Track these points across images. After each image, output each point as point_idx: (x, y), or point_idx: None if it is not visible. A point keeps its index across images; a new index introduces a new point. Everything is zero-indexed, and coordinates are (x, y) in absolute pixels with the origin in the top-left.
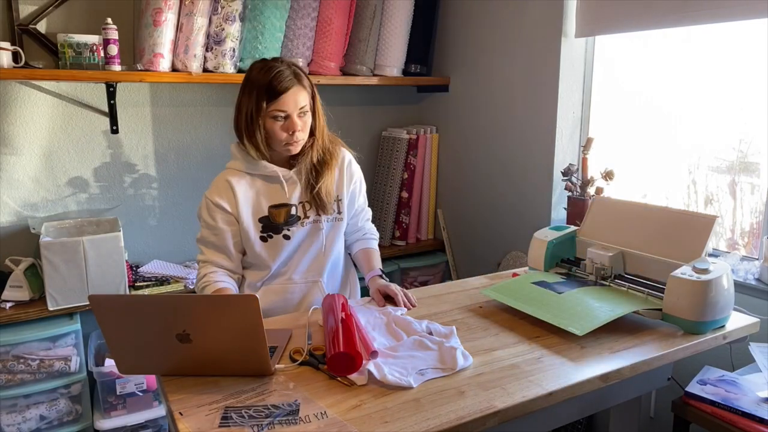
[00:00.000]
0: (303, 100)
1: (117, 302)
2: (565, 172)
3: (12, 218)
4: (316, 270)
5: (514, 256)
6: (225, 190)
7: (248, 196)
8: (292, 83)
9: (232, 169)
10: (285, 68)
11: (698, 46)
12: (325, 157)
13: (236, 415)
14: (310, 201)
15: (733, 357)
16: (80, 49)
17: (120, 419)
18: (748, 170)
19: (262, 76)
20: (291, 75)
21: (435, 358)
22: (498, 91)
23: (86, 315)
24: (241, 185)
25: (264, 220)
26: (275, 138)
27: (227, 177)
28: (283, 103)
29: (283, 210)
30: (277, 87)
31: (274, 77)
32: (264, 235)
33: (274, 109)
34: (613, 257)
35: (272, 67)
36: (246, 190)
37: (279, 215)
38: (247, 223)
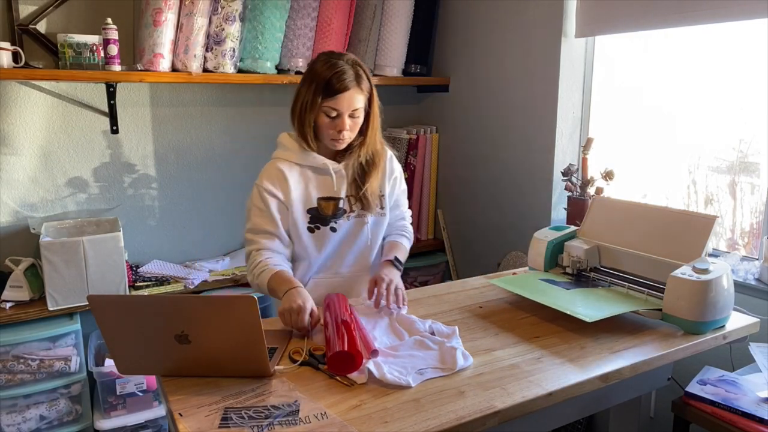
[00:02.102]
0: (357, 102)
1: (116, 302)
2: (565, 172)
3: (12, 218)
4: (362, 264)
5: (514, 256)
6: (278, 178)
7: (299, 186)
8: (350, 85)
9: (281, 158)
10: (348, 68)
11: (698, 46)
12: (373, 159)
13: (236, 415)
14: (355, 196)
15: (733, 357)
16: (80, 49)
17: (120, 419)
18: (748, 170)
19: (324, 71)
20: (352, 76)
21: (435, 358)
22: (498, 91)
23: (86, 315)
24: (293, 174)
25: (312, 211)
26: (322, 132)
27: (279, 165)
28: (337, 102)
29: (332, 203)
30: (335, 86)
31: (334, 75)
32: (311, 226)
33: (327, 106)
34: (589, 250)
35: (335, 64)
36: (297, 180)
37: (328, 207)
38: (297, 212)
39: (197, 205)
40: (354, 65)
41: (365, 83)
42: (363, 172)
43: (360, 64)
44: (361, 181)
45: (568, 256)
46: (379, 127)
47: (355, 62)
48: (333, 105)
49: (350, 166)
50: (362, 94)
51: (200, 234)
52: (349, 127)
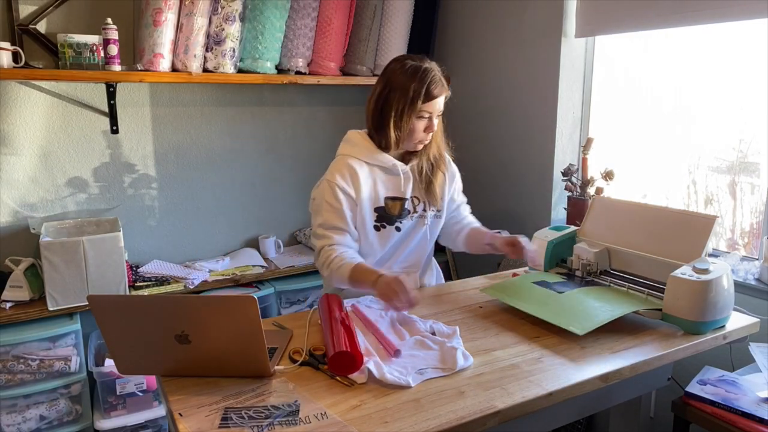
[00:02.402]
0: (442, 104)
1: (116, 302)
2: (565, 172)
3: (12, 218)
4: (415, 261)
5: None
6: (350, 175)
7: (368, 184)
8: (444, 88)
9: (350, 156)
10: (437, 71)
11: (698, 46)
12: (438, 160)
13: (236, 415)
14: (419, 196)
15: (733, 357)
16: (80, 49)
17: (120, 419)
18: (748, 170)
19: (419, 79)
20: (441, 80)
21: (435, 358)
22: (498, 92)
23: (86, 315)
24: (363, 173)
25: (379, 210)
26: (412, 135)
27: (349, 162)
28: (432, 105)
29: (399, 203)
30: (434, 90)
31: (432, 80)
32: (378, 225)
33: (424, 110)
34: (599, 253)
35: (428, 70)
36: (367, 178)
37: (394, 207)
38: (366, 210)
39: (197, 205)
40: (439, 67)
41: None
42: (430, 169)
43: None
44: (427, 182)
45: (577, 258)
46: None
47: (437, 64)
48: (429, 108)
49: (419, 167)
50: (446, 94)
51: (200, 234)
52: (435, 128)
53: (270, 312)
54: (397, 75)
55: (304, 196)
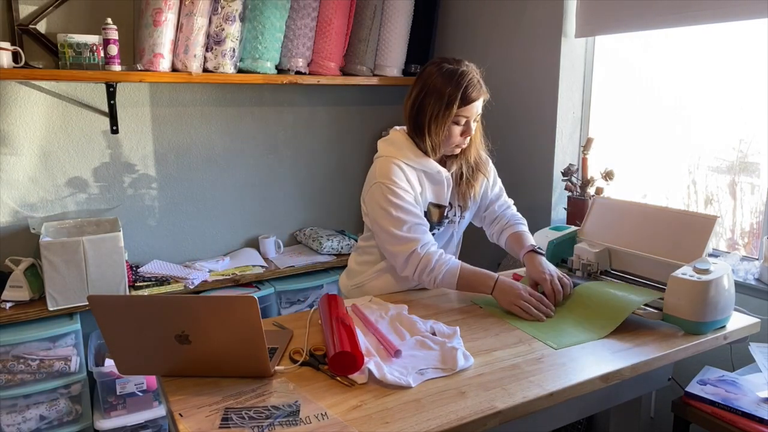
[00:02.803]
0: (480, 108)
1: (116, 303)
2: (565, 172)
3: (12, 218)
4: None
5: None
6: (401, 174)
7: (416, 187)
8: (481, 92)
9: (396, 158)
10: (474, 75)
11: (698, 46)
12: (478, 163)
13: (236, 416)
14: (456, 201)
15: (733, 357)
16: (80, 49)
17: (120, 419)
18: (748, 170)
19: (455, 83)
20: (478, 84)
21: (435, 358)
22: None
23: (86, 315)
24: (412, 176)
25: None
26: (449, 140)
27: (398, 164)
28: (468, 110)
29: (440, 210)
30: (471, 94)
31: (468, 84)
32: None
33: (460, 114)
34: (599, 253)
35: (464, 74)
36: (414, 181)
37: (436, 214)
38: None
39: (197, 205)
40: (476, 71)
41: (484, 87)
42: (470, 173)
43: (475, 69)
44: (467, 187)
45: (577, 258)
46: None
47: (475, 67)
48: (465, 113)
49: (458, 171)
50: (483, 98)
51: (200, 234)
52: (473, 132)
53: (270, 312)
54: (433, 78)
55: (304, 196)
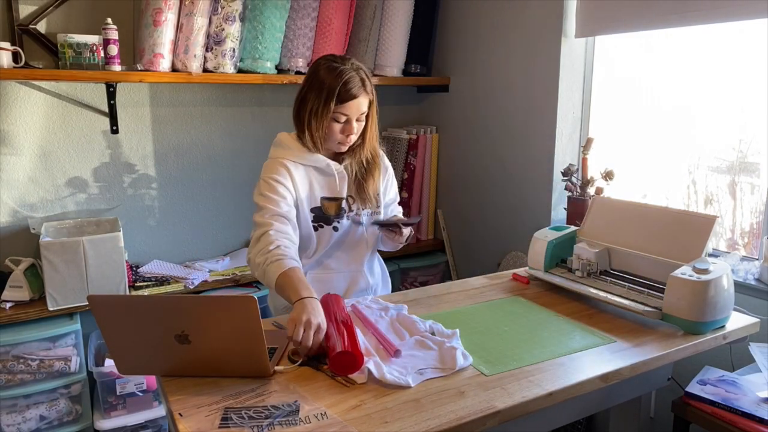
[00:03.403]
0: (364, 106)
1: (116, 302)
2: (565, 172)
3: (12, 218)
4: (358, 260)
5: (514, 256)
6: (284, 172)
7: (304, 184)
8: (359, 91)
9: (283, 157)
10: (355, 74)
11: (698, 45)
12: (373, 158)
13: (236, 416)
14: (354, 195)
15: (733, 357)
16: (80, 49)
17: (120, 419)
18: (748, 170)
19: (333, 79)
20: (359, 83)
21: (435, 358)
22: (498, 91)
23: (86, 315)
24: (299, 173)
25: (316, 210)
26: (330, 136)
27: (283, 161)
28: (347, 108)
29: (335, 203)
30: (345, 93)
31: (344, 83)
32: (315, 225)
33: (338, 112)
34: (599, 253)
35: (344, 71)
36: (302, 178)
37: (331, 207)
38: (304, 209)
39: (197, 205)
40: (358, 70)
41: (369, 87)
42: (363, 171)
43: (362, 68)
44: (363, 180)
45: (577, 258)
46: (377, 128)
47: (359, 67)
48: (343, 111)
49: (351, 166)
50: (368, 97)
51: (200, 234)
52: (356, 131)
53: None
54: (318, 73)
55: None
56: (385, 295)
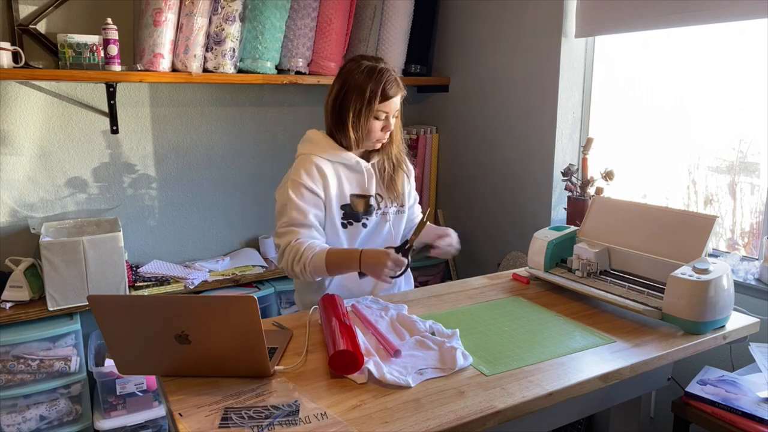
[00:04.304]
0: (399, 104)
1: (116, 302)
2: (565, 172)
3: (12, 218)
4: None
5: (514, 256)
6: (316, 174)
7: (334, 182)
8: (399, 89)
9: (314, 154)
10: (391, 73)
11: (698, 45)
12: (399, 157)
13: (236, 415)
14: (382, 193)
15: (733, 357)
16: (80, 49)
17: (120, 419)
18: (748, 170)
19: (374, 80)
20: (396, 81)
21: (435, 358)
22: (498, 92)
23: (86, 315)
24: (329, 170)
25: (345, 207)
26: (370, 135)
27: (315, 161)
28: (388, 106)
29: (363, 200)
30: (389, 90)
31: (386, 81)
32: (345, 222)
33: (381, 110)
34: (599, 253)
35: (383, 71)
36: (333, 176)
37: (360, 204)
38: (334, 207)
39: (197, 205)
40: (392, 69)
41: (401, 84)
42: (391, 170)
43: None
44: (389, 179)
45: (577, 258)
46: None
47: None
48: (385, 108)
49: (381, 163)
50: (402, 95)
51: (200, 234)
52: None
53: (270, 312)
54: (353, 75)
55: None
56: (384, 295)
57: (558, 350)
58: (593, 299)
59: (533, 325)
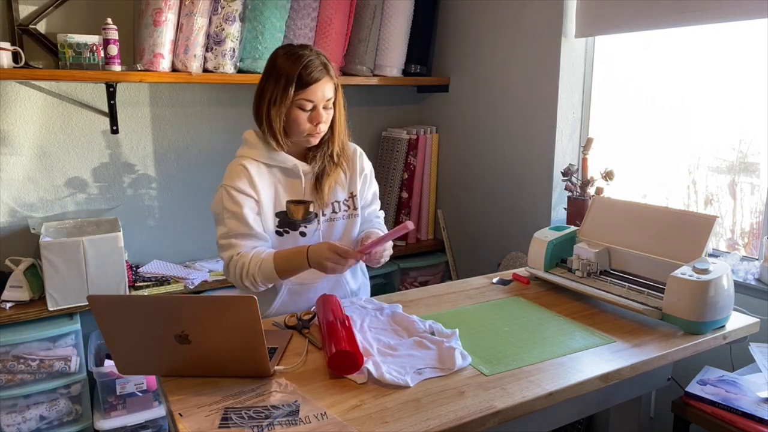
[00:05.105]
0: (330, 92)
1: (116, 303)
2: (565, 172)
3: (12, 218)
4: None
5: (514, 256)
6: (246, 177)
7: (267, 187)
8: (322, 74)
9: (247, 157)
10: (314, 57)
11: (699, 45)
12: (341, 152)
13: (236, 416)
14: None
15: (733, 357)
16: (80, 49)
17: (120, 419)
18: (748, 170)
19: (291, 64)
20: (321, 65)
21: (433, 358)
22: (498, 91)
23: (86, 315)
24: (260, 174)
25: (281, 214)
26: (298, 128)
27: (243, 163)
28: (312, 93)
29: (302, 207)
30: (307, 77)
31: (304, 66)
32: (280, 230)
33: (302, 99)
34: (599, 253)
35: (302, 56)
36: (265, 180)
37: (297, 211)
38: (267, 214)
39: (197, 205)
40: (318, 55)
41: (332, 71)
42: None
43: (323, 55)
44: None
45: (577, 258)
46: (345, 118)
47: (318, 52)
48: (307, 97)
49: (319, 166)
50: (332, 82)
51: (200, 234)
52: (325, 119)
53: None
54: (274, 62)
55: None
56: (384, 296)
57: (558, 350)
58: (593, 299)
59: (533, 325)
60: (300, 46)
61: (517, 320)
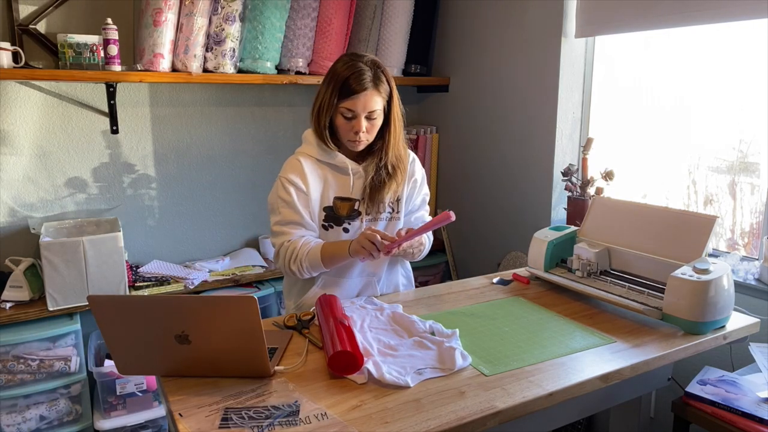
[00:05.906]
0: (375, 104)
1: (116, 302)
2: (565, 172)
3: (12, 218)
4: (372, 267)
5: (514, 256)
6: (299, 172)
7: (317, 182)
8: (367, 86)
9: (303, 153)
10: (367, 69)
11: (698, 45)
12: (397, 163)
13: (236, 416)
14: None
15: (733, 357)
16: (80, 49)
17: (120, 419)
18: (748, 170)
19: (343, 71)
20: (370, 77)
21: (433, 358)
22: (498, 91)
23: (86, 315)
24: (313, 170)
25: (328, 209)
26: (341, 133)
27: (300, 159)
28: (353, 103)
29: (348, 203)
30: (351, 86)
31: (352, 75)
32: (326, 224)
33: (344, 107)
34: (599, 253)
35: (354, 65)
36: (316, 176)
37: (343, 208)
38: (315, 207)
39: (197, 205)
40: (373, 66)
41: (384, 86)
42: (383, 176)
43: (380, 66)
44: (380, 185)
45: (577, 258)
46: (401, 131)
47: (375, 63)
48: (349, 106)
49: (371, 169)
50: (380, 95)
51: (200, 234)
52: (366, 129)
53: (270, 312)
54: (334, 66)
55: None
56: (384, 296)
57: (558, 350)
58: (593, 299)
59: (533, 325)
60: (360, 55)
61: (518, 320)
